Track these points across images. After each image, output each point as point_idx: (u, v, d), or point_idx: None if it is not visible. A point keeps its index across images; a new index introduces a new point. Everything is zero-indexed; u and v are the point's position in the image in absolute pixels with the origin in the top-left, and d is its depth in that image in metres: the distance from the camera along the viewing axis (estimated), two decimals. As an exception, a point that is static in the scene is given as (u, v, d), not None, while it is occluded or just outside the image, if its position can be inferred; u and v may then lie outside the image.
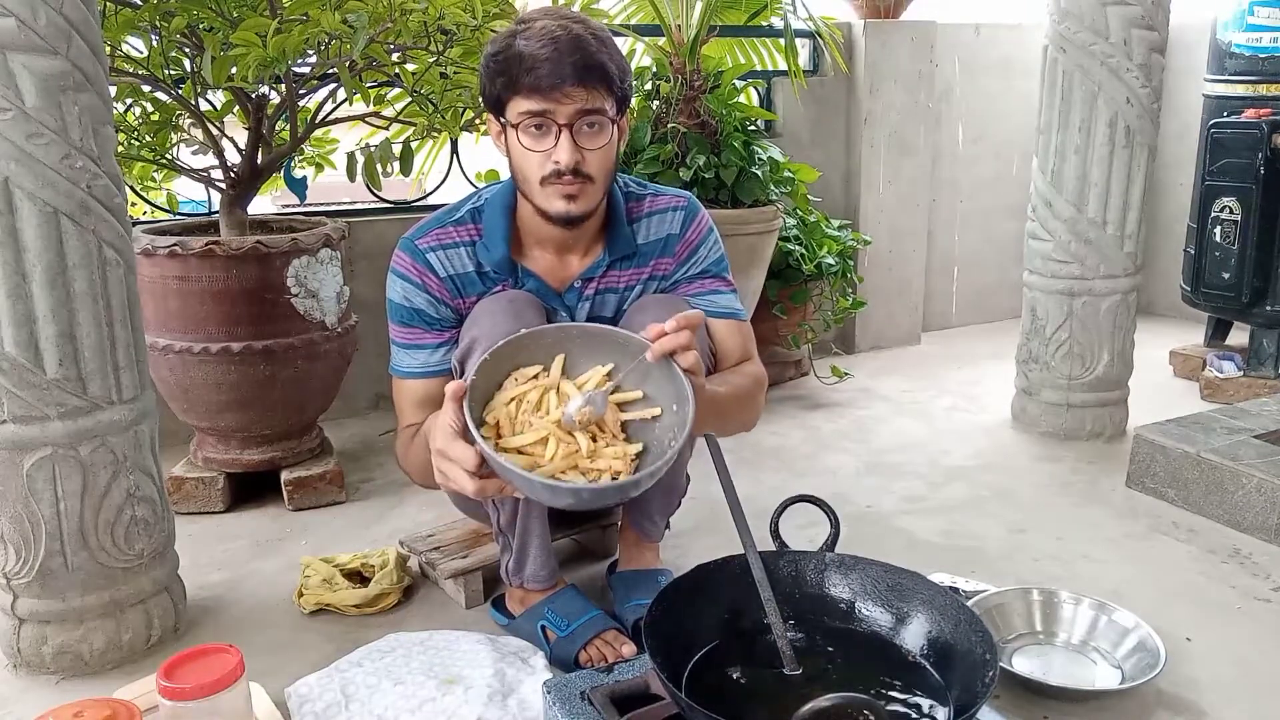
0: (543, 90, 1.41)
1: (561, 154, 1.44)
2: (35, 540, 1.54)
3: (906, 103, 3.51)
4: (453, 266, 1.57)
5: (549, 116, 1.43)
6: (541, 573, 1.66)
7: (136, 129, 2.27)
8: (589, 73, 1.41)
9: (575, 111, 1.43)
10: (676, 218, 1.64)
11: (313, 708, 1.47)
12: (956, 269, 3.95)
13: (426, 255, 1.56)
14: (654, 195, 1.66)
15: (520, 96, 1.43)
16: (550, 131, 1.44)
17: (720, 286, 1.67)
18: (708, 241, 1.67)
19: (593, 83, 1.42)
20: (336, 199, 3.36)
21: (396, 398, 1.62)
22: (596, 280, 1.61)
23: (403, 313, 1.58)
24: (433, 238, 1.57)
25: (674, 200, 1.66)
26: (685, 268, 1.66)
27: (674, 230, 1.64)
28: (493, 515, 1.63)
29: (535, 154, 1.45)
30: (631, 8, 3.27)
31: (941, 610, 1.31)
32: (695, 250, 1.65)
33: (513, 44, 1.43)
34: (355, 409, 2.81)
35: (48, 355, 1.49)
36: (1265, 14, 2.83)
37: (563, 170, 1.44)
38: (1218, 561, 1.98)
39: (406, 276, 1.57)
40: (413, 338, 1.58)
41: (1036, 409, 2.70)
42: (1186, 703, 1.52)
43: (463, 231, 1.58)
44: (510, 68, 1.42)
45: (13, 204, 1.43)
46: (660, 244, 1.64)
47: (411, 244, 1.57)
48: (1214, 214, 2.95)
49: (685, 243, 1.64)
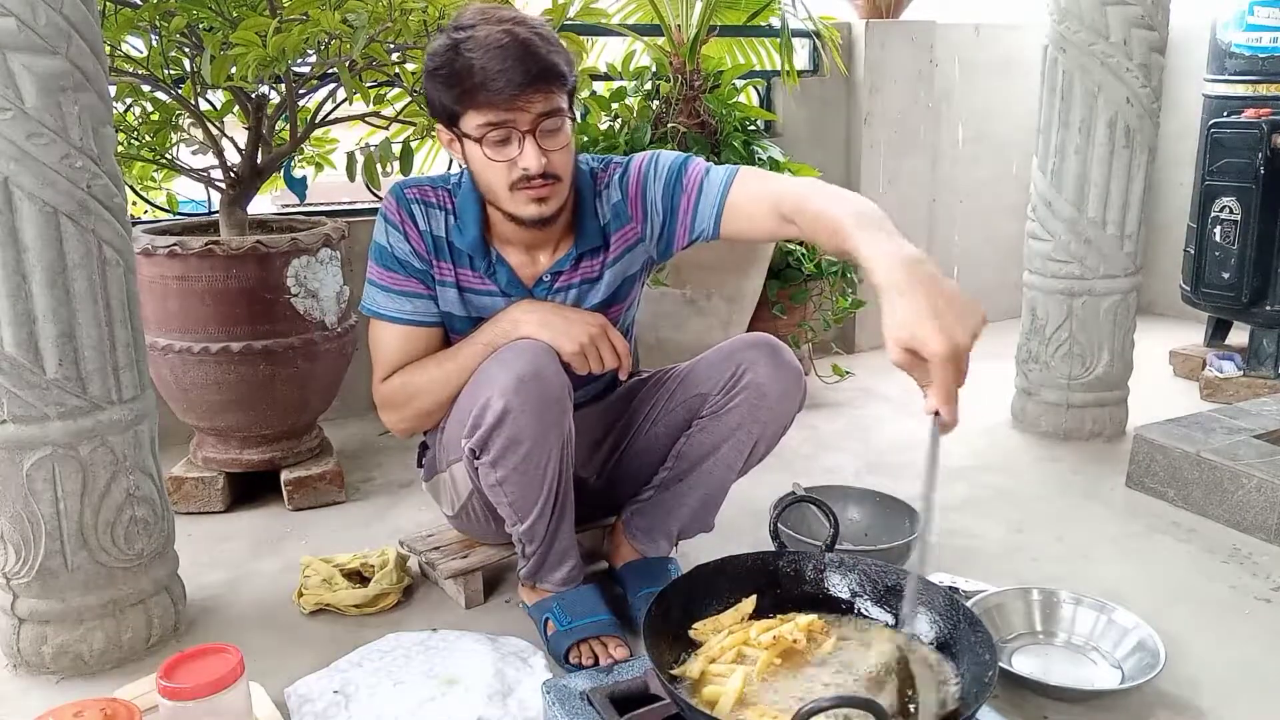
0: (502, 102, 1.41)
1: (529, 160, 1.44)
2: (35, 540, 1.54)
3: (906, 103, 3.51)
4: (431, 226, 1.60)
5: (510, 125, 1.43)
6: (557, 576, 1.67)
7: (136, 129, 2.27)
8: (544, 77, 1.41)
9: (536, 117, 1.43)
10: (614, 186, 1.64)
11: (313, 708, 1.47)
12: (956, 269, 3.94)
13: (411, 205, 1.59)
14: (604, 169, 1.66)
15: (476, 110, 1.43)
16: (513, 140, 1.44)
17: (695, 189, 1.56)
18: (649, 177, 1.61)
19: (548, 86, 1.42)
20: (336, 199, 3.36)
21: (377, 339, 1.63)
22: (566, 273, 1.63)
23: (388, 258, 1.60)
24: (419, 191, 1.60)
25: (613, 169, 1.65)
26: (650, 217, 1.62)
27: (617, 198, 1.64)
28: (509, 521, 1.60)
29: (500, 164, 1.46)
30: (631, 7, 3.27)
31: (941, 610, 1.31)
32: (644, 195, 1.62)
33: (457, 56, 1.41)
34: (355, 409, 2.81)
35: (47, 355, 1.49)
36: (1265, 14, 2.83)
37: (532, 175, 1.45)
38: (1218, 561, 1.98)
39: (393, 222, 1.59)
40: (399, 284, 1.60)
41: (1036, 409, 2.70)
42: (1186, 703, 1.52)
43: (445, 198, 1.61)
44: (461, 81, 1.41)
45: (13, 204, 1.43)
46: (614, 217, 1.64)
47: (400, 191, 1.61)
48: (1214, 214, 2.95)
49: (630, 200, 1.63)
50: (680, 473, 1.70)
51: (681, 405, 1.70)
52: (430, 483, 1.80)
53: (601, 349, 1.52)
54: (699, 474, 1.69)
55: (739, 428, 1.63)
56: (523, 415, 1.44)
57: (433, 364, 1.59)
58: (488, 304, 1.61)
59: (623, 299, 1.69)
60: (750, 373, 1.60)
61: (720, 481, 1.70)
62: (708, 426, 1.65)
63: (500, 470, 1.51)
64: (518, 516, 1.58)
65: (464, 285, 1.61)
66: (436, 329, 1.63)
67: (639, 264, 1.68)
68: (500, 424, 1.45)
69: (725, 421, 1.63)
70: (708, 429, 1.65)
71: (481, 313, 1.61)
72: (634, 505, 1.77)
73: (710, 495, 1.72)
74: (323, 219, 2.41)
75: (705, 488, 1.70)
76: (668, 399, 1.72)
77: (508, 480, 1.52)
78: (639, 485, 1.77)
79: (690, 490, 1.71)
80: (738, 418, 1.62)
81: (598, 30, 2.89)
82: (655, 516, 1.75)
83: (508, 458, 1.49)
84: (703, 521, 1.77)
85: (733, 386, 1.62)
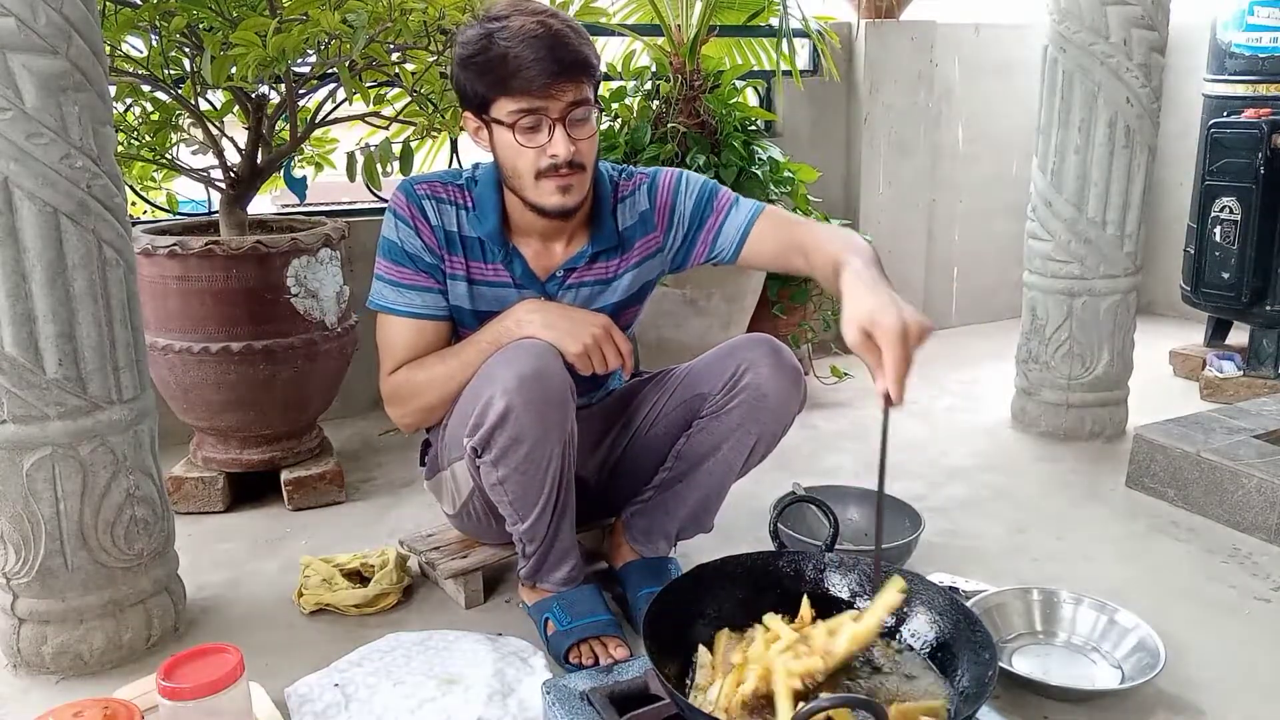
0: (535, 90, 1.44)
1: (558, 147, 1.48)
2: (35, 540, 1.54)
3: (906, 103, 3.51)
4: (443, 220, 1.61)
5: (542, 113, 1.47)
6: (557, 576, 1.67)
7: (136, 129, 2.27)
8: (576, 68, 1.46)
9: (566, 105, 1.47)
10: (643, 194, 1.69)
11: (313, 708, 1.47)
12: (956, 269, 3.95)
13: (422, 201, 1.61)
14: (626, 179, 1.70)
15: (509, 97, 1.47)
16: (543, 127, 1.48)
17: (723, 213, 1.67)
18: (681, 192, 1.68)
19: (579, 76, 1.47)
20: (336, 199, 3.36)
21: (385, 333, 1.64)
22: (579, 271, 1.65)
23: (397, 253, 1.61)
24: (429, 188, 1.62)
25: (639, 179, 1.70)
26: (674, 229, 1.69)
27: (644, 206, 1.68)
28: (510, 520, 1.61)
29: (530, 150, 1.49)
30: (631, 7, 3.27)
31: (941, 610, 1.31)
32: (673, 209, 1.68)
33: (491, 44, 1.45)
34: (355, 409, 2.81)
35: (47, 355, 1.49)
36: (1265, 14, 2.83)
37: (560, 163, 1.49)
38: (1217, 561, 1.98)
39: (403, 218, 1.60)
40: (408, 278, 1.61)
41: (1036, 409, 2.70)
42: (1186, 703, 1.52)
43: (456, 194, 1.63)
44: (495, 69, 1.45)
45: (12, 204, 1.43)
46: (639, 224, 1.68)
47: (410, 187, 1.62)
48: (1214, 214, 2.95)
49: (659, 210, 1.68)
50: (680, 473, 1.70)
51: (682, 405, 1.70)
52: (432, 480, 1.80)
53: (605, 349, 1.53)
54: (699, 474, 1.69)
55: (739, 428, 1.63)
56: (525, 414, 1.45)
57: (437, 360, 1.60)
58: (498, 295, 1.62)
59: (639, 303, 1.74)
60: (751, 373, 1.61)
61: (720, 482, 1.70)
62: (708, 427, 1.65)
63: (501, 469, 1.51)
64: (518, 516, 1.58)
65: (475, 278, 1.62)
66: (444, 323, 1.64)
67: (655, 273, 1.73)
68: (502, 423, 1.45)
69: (725, 422, 1.63)
70: (708, 429, 1.65)
71: (491, 305, 1.62)
72: (634, 506, 1.77)
73: (710, 496, 1.72)
74: (323, 219, 2.41)
75: (705, 488, 1.70)
76: (668, 399, 1.72)
77: (509, 479, 1.52)
78: (639, 485, 1.77)
79: (690, 491, 1.71)
80: (738, 418, 1.62)
81: (598, 30, 2.89)
82: (655, 517, 1.75)
83: (509, 457, 1.49)
84: (702, 522, 1.77)
85: (733, 387, 1.62)
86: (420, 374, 1.60)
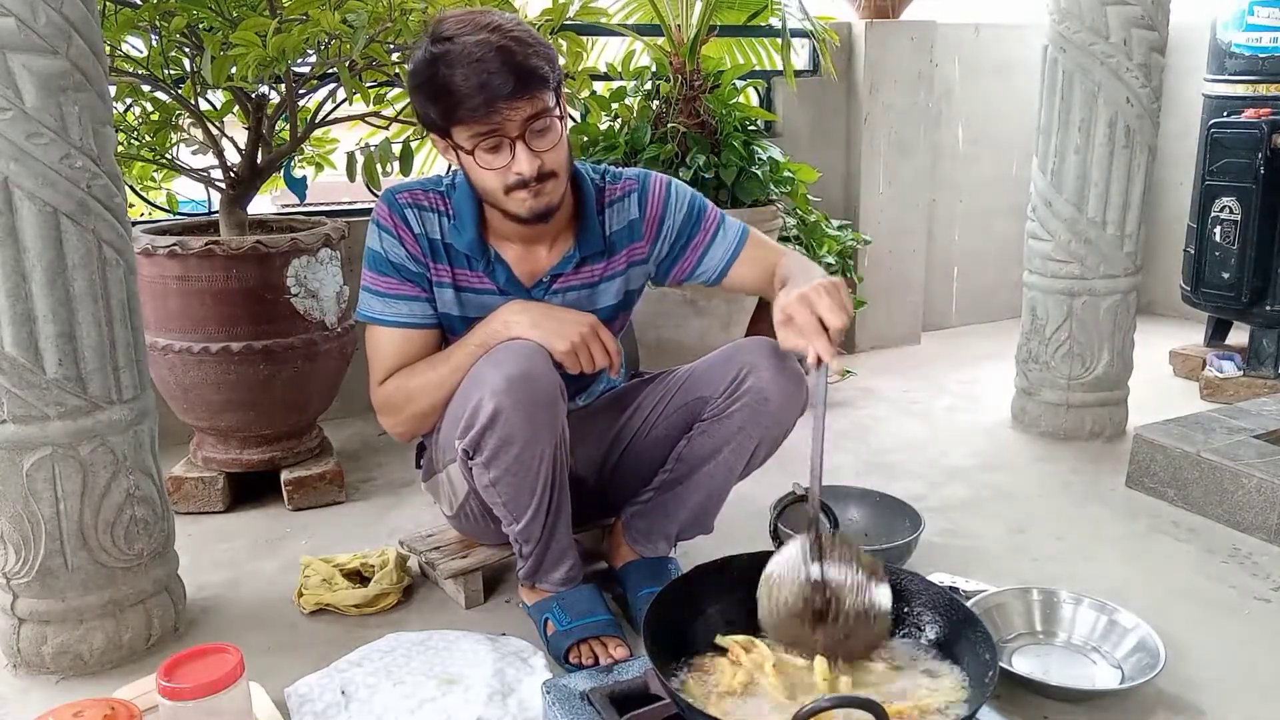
0: (485, 115, 1.41)
1: (522, 165, 1.45)
2: (35, 540, 1.54)
3: (906, 103, 3.51)
4: (425, 229, 1.60)
5: (499, 134, 1.44)
6: (556, 576, 1.67)
7: (136, 129, 2.27)
8: (526, 83, 1.41)
9: (523, 122, 1.44)
10: (633, 201, 1.67)
11: (313, 708, 1.47)
12: (956, 269, 3.95)
13: (405, 210, 1.59)
14: (613, 183, 1.68)
15: (462, 125, 1.44)
16: (504, 146, 1.45)
17: (710, 234, 1.67)
18: (671, 203, 1.68)
19: (531, 90, 1.42)
20: (336, 199, 3.36)
21: (374, 344, 1.63)
22: (566, 276, 1.64)
23: (382, 263, 1.60)
24: (410, 196, 1.61)
25: (628, 184, 1.68)
26: (661, 241, 1.68)
27: (634, 215, 1.67)
28: (505, 521, 1.61)
29: (494, 170, 1.47)
30: (631, 7, 3.27)
31: (941, 610, 1.31)
32: (662, 221, 1.67)
33: (436, 73, 1.41)
34: (355, 409, 2.81)
35: (47, 355, 1.49)
36: (1265, 14, 2.83)
37: (527, 180, 1.46)
38: (1217, 561, 1.98)
39: (386, 228, 1.60)
40: (394, 288, 1.60)
41: (1036, 409, 2.70)
42: (1186, 703, 1.52)
43: (438, 200, 1.62)
44: (442, 98, 1.42)
45: (12, 204, 1.43)
46: (627, 230, 1.67)
47: (392, 196, 1.61)
48: (1214, 214, 2.95)
49: (648, 221, 1.68)
50: (680, 475, 1.70)
51: (682, 408, 1.70)
52: (429, 483, 1.80)
53: (593, 347, 1.53)
54: (699, 477, 1.69)
55: (740, 431, 1.63)
56: (514, 416, 1.45)
57: (427, 367, 1.59)
58: (486, 303, 1.61)
59: (626, 309, 1.73)
60: (753, 377, 1.60)
61: (720, 484, 1.70)
62: (709, 430, 1.65)
63: (493, 471, 1.51)
64: (512, 517, 1.58)
65: (461, 285, 1.62)
66: (433, 331, 1.63)
67: (640, 282, 1.73)
68: (492, 425, 1.45)
69: (726, 425, 1.63)
70: (709, 432, 1.65)
71: (479, 312, 1.61)
72: (633, 507, 1.77)
73: (710, 498, 1.72)
74: (323, 219, 2.41)
75: (705, 490, 1.70)
76: (668, 401, 1.72)
77: (501, 481, 1.52)
78: (639, 486, 1.77)
79: (690, 493, 1.71)
80: (739, 421, 1.62)
81: (598, 30, 2.90)
82: (655, 518, 1.75)
83: (500, 458, 1.49)
84: (702, 523, 1.77)
85: (734, 390, 1.62)
86: (411, 381, 1.59)
